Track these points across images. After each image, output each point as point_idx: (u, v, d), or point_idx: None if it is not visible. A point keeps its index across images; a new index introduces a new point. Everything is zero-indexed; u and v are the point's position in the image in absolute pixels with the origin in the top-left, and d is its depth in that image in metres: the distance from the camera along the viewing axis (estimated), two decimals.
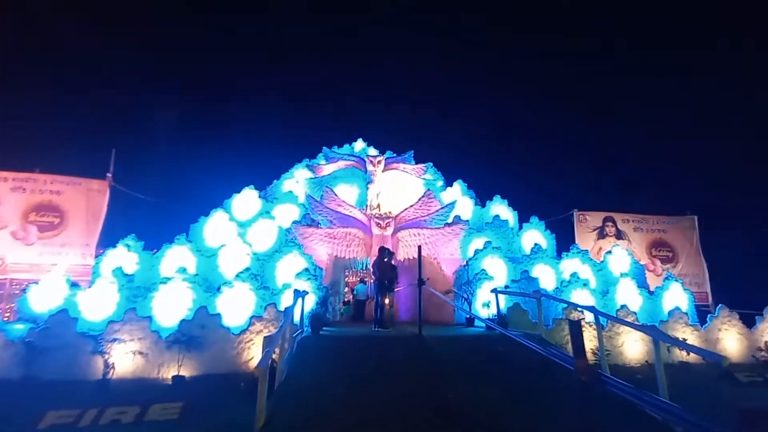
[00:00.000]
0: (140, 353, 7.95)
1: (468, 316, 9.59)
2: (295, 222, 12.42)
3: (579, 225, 15.61)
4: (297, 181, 15.79)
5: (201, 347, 8.01)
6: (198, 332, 8.23)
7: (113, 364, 7.65)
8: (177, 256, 10.88)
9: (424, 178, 16.11)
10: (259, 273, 10.75)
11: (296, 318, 8.57)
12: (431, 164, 16.97)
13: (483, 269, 10.64)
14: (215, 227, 12.35)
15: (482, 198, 16.26)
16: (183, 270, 9.64)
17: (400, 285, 11.38)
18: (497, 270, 11.45)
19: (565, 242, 14.66)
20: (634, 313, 10.28)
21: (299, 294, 7.24)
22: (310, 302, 9.34)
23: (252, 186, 14.33)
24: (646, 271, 13.72)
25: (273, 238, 12.13)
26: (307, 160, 17.18)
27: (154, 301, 9.39)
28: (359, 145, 18.73)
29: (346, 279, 15.58)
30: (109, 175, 13.78)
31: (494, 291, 9.45)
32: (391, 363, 5.58)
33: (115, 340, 7.75)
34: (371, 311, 10.59)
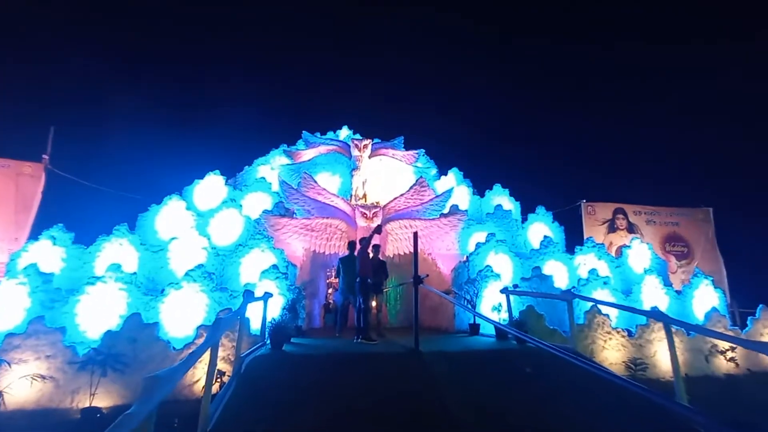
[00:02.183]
0: (44, 377, 5.97)
1: (472, 322, 7.84)
2: (265, 212, 10.51)
3: (587, 217, 14.08)
4: (272, 167, 13.88)
5: (127, 368, 6.06)
6: (125, 348, 6.28)
7: (1, 392, 5.66)
8: (116, 252, 8.87)
9: (415, 166, 14.37)
10: (217, 271, 8.82)
11: (262, 327, 6.70)
12: (423, 151, 15.25)
13: (488, 265, 8.91)
14: (169, 217, 10.35)
15: (479, 189, 14.60)
16: (116, 267, 7.65)
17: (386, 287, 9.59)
18: (503, 267, 9.75)
19: (571, 237, 13.09)
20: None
21: (250, 297, 5.37)
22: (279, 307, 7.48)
23: (218, 171, 12.35)
24: None
25: (238, 231, 10.20)
26: (285, 145, 15.29)
27: (78, 307, 7.40)
28: (344, 132, 16.89)
29: (327, 280, 13.74)
30: (45, 156, 11.63)
31: (505, 291, 7.72)
32: (378, 404, 3.76)
33: (2, 362, 5.74)
34: (350, 319, 8.81)
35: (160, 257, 9.00)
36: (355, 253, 7.44)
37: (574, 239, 13.00)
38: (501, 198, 13.55)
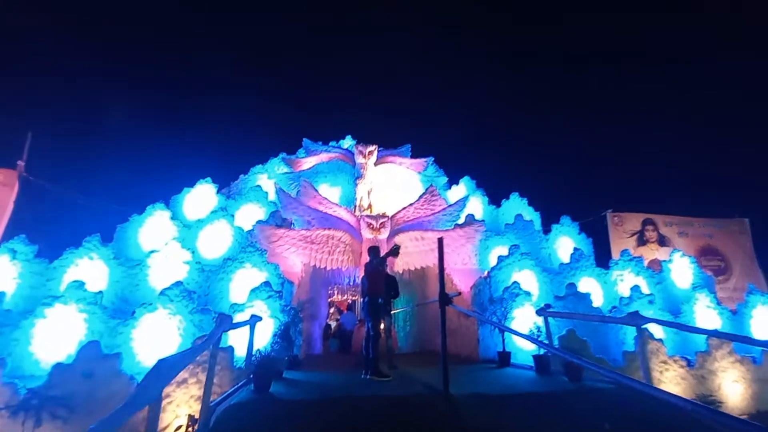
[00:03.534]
0: None
1: (501, 350, 6.54)
2: (259, 222, 9.36)
3: (614, 229, 12.84)
4: (270, 176, 12.83)
5: (73, 413, 4.79)
6: (77, 385, 5.03)
7: None
8: (86, 267, 7.69)
9: (423, 175, 13.30)
10: (201, 289, 7.61)
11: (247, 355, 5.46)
12: (432, 159, 14.20)
13: (515, 282, 7.67)
14: (153, 229, 9.21)
15: (492, 199, 13.44)
16: (78, 285, 6.45)
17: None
18: (529, 283, 8.51)
19: (597, 250, 11.82)
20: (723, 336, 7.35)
21: (225, 324, 4.16)
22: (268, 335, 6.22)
23: (209, 179, 11.29)
24: None
25: (228, 243, 9.03)
26: (284, 154, 14.28)
27: (33, 332, 6.18)
28: (347, 143, 15.92)
29: (330, 298, 12.49)
30: (20, 163, 10.61)
31: (543, 312, 6.45)
32: None
33: None
34: (360, 340, 7.50)
35: (138, 274, 7.81)
36: (378, 266, 6.01)
37: (599, 253, 11.75)
38: (519, 208, 12.38)
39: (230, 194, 12.14)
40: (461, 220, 10.74)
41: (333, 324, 14.97)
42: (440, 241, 4.81)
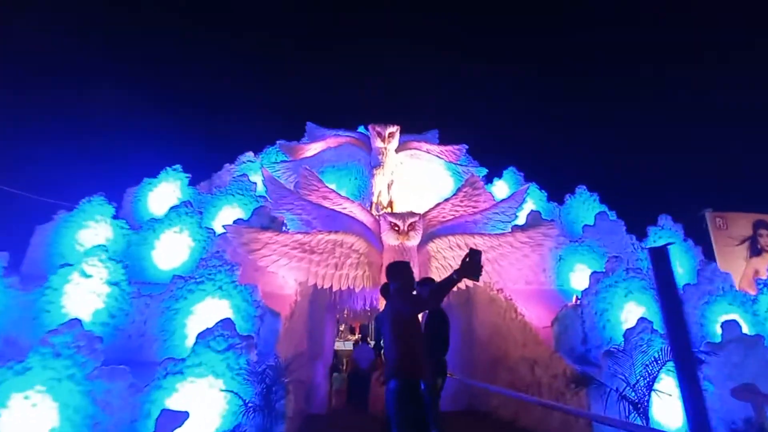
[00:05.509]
0: None
1: None
2: (236, 221, 6.52)
3: (717, 233, 9.61)
4: (261, 164, 10.06)
5: None
6: None
7: None
8: None
9: (454, 167, 10.35)
10: (133, 326, 4.77)
11: None
12: (467, 147, 11.31)
13: (643, 319, 4.63)
14: (84, 236, 6.42)
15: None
16: None
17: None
18: (635, 314, 5.43)
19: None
20: None
21: None
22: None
23: (179, 167, 8.54)
24: None
25: (183, 257, 6.21)
26: (284, 141, 11.50)
27: None
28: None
29: (339, 334, 9.61)
30: None
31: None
32: None
33: None
34: (381, 396, 4.52)
35: (37, 301, 4.99)
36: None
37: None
38: (589, 206, 9.30)
39: (211, 189, 9.36)
40: (520, 220, 7.76)
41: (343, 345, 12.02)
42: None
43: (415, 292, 3.16)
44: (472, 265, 2.42)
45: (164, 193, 8.15)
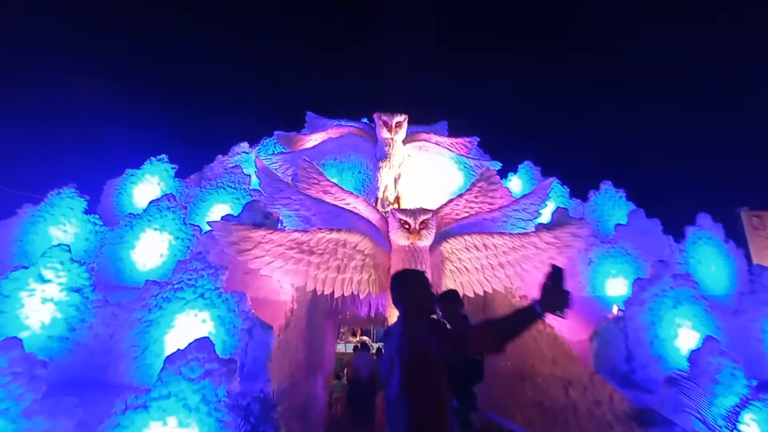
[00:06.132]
0: None
1: None
2: (224, 217, 5.74)
3: (753, 233, 8.81)
4: (259, 154, 9.28)
5: None
6: None
7: None
8: None
9: (464, 161, 9.55)
10: (97, 338, 4.00)
11: None
12: (478, 140, 10.53)
13: (712, 339, 3.83)
14: (42, 231, 5.64)
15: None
16: None
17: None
18: (691, 329, 4.65)
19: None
20: None
21: None
22: None
23: (164, 157, 7.76)
24: None
25: (161, 258, 5.44)
26: (283, 132, 10.71)
27: None
28: None
29: (340, 336, 8.88)
30: None
31: None
32: None
33: None
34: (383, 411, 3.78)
35: None
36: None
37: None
38: (616, 203, 8.49)
39: (201, 182, 8.59)
40: (543, 218, 6.98)
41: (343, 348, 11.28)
42: None
43: (436, 315, 2.29)
44: (556, 291, 1.61)
45: (149, 185, 7.37)
